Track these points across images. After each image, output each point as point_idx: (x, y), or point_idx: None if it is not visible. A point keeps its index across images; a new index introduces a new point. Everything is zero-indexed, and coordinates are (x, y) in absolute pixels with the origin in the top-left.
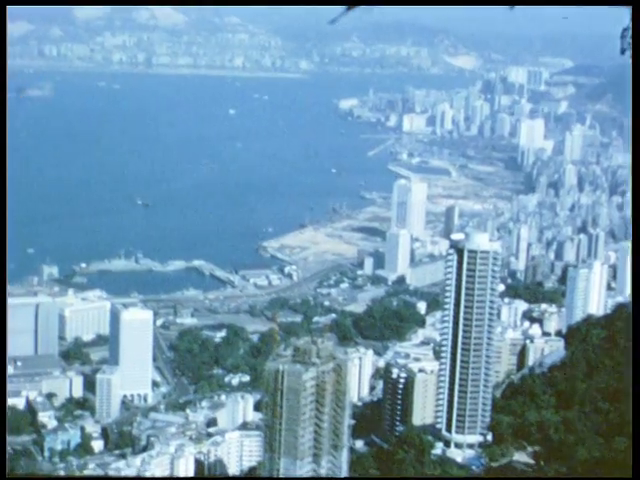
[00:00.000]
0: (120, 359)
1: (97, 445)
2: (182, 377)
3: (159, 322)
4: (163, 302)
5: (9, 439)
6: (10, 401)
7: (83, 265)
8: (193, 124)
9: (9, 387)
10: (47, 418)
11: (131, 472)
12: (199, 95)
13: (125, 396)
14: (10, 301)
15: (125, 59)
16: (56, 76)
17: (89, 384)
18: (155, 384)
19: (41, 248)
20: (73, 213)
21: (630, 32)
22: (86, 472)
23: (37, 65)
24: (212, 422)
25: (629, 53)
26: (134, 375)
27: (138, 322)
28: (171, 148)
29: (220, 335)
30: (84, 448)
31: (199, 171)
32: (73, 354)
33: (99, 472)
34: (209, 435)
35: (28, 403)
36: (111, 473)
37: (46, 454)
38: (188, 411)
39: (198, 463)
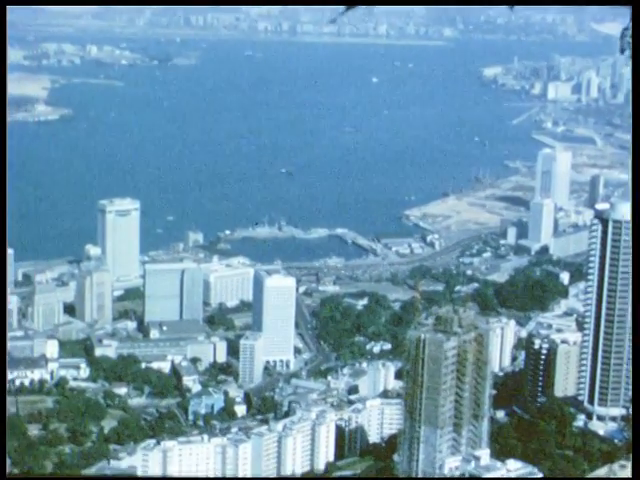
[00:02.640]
0: (263, 325)
1: (240, 410)
2: (324, 344)
3: (302, 289)
4: (306, 269)
5: (154, 402)
6: (156, 365)
7: (227, 232)
8: (336, 92)
9: (155, 351)
10: (192, 382)
11: (273, 437)
12: (342, 63)
13: (268, 362)
14: (157, 267)
15: (270, 28)
16: (202, 44)
17: (233, 349)
18: (297, 351)
19: (187, 215)
20: (218, 181)
21: (630, 32)
22: (229, 436)
23: (184, 34)
24: (353, 389)
25: (629, 53)
26: (277, 341)
27: (281, 289)
28: (314, 116)
29: (362, 303)
30: (227, 412)
31: (342, 139)
32: (217, 320)
33: (241, 436)
34: (350, 402)
35: (173, 367)
36: (253, 437)
37: (190, 417)
38: (329, 378)
39: (339, 430)
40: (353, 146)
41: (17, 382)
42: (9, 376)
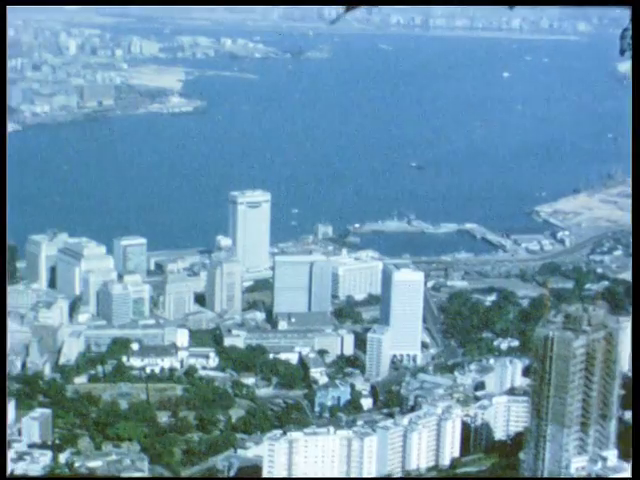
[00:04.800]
0: (391, 319)
1: (366, 403)
2: (451, 339)
3: (430, 284)
4: (434, 264)
5: (282, 392)
6: (284, 356)
7: (357, 225)
8: (467, 86)
9: (283, 342)
10: (319, 374)
11: (399, 431)
12: (474, 57)
13: (394, 356)
14: (286, 258)
15: (402, 21)
16: (335, 38)
17: (360, 342)
18: (424, 345)
19: (317, 207)
20: (349, 174)
21: (630, 32)
22: (354, 429)
23: (317, 27)
24: (480, 385)
25: (629, 54)
26: (404, 335)
27: (409, 283)
28: (445, 110)
29: (490, 299)
30: (353, 405)
31: (473, 133)
32: (345, 312)
33: (367, 430)
34: (476, 398)
35: (301, 358)
36: (379, 431)
37: (316, 409)
38: (456, 373)
39: (465, 426)
40: (484, 140)
41: (148, 370)
42: (140, 363)
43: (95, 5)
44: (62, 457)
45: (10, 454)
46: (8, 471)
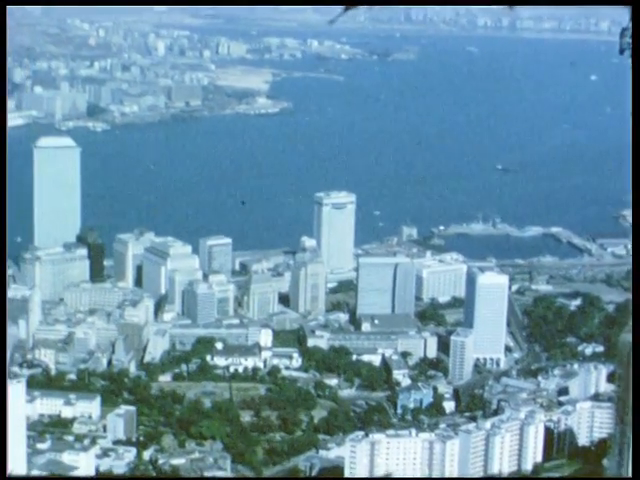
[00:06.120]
0: (475, 322)
1: (448, 406)
2: (535, 344)
3: (514, 287)
4: (519, 267)
5: (364, 394)
6: (367, 357)
7: (441, 227)
8: (555, 89)
9: (366, 344)
10: (401, 376)
11: (481, 435)
12: (562, 59)
13: (478, 359)
14: (370, 260)
15: (490, 23)
16: (421, 40)
17: (443, 345)
18: (508, 349)
19: (402, 209)
20: (433, 176)
21: (630, 32)
22: (437, 431)
23: (404, 29)
24: (563, 391)
25: (629, 53)
26: (488, 339)
27: (494, 286)
28: (532, 113)
29: (575, 303)
30: (436, 408)
31: (559, 136)
32: (429, 315)
33: (449, 433)
34: (560, 403)
35: (384, 360)
36: (461, 434)
37: (399, 411)
38: (540, 378)
39: (548, 431)
40: (571, 144)
41: (231, 369)
42: (224, 362)
43: (95, 5)
44: (146, 454)
45: (95, 450)
46: (92, 468)
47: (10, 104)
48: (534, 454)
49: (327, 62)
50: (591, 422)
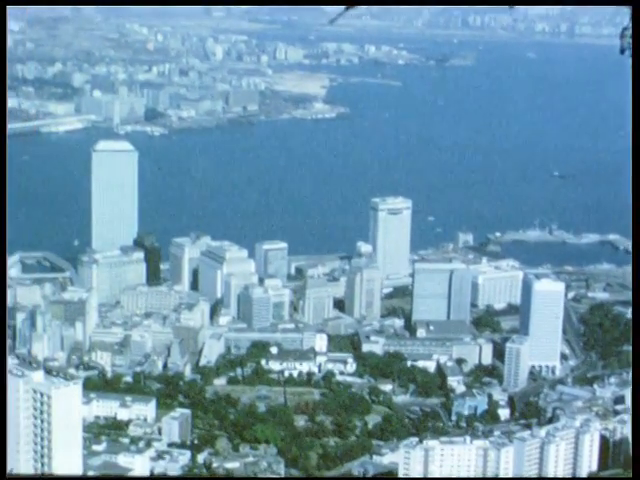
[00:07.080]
0: (530, 329)
1: (503, 413)
2: (591, 351)
3: (570, 295)
4: (575, 275)
5: (418, 400)
6: (421, 363)
7: (498, 234)
8: (612, 95)
9: (421, 350)
10: (456, 383)
11: (536, 443)
12: (620, 66)
13: (533, 367)
14: (426, 266)
15: (548, 29)
16: (479, 46)
17: (498, 352)
18: (563, 357)
19: (458, 215)
20: (490, 182)
21: (630, 32)
22: (491, 439)
23: (461, 35)
24: (619, 399)
25: (629, 53)
26: (543, 346)
27: (550, 293)
28: (591, 119)
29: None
30: (490, 415)
31: (619, 143)
32: (484, 321)
33: (504, 440)
34: (615, 412)
35: (438, 366)
36: (516, 442)
37: (453, 418)
38: (595, 386)
39: (603, 440)
40: (626, 151)
41: (286, 373)
42: (279, 367)
43: (95, 5)
44: (200, 457)
45: (150, 453)
46: (147, 470)
47: (69, 108)
48: (589, 463)
49: (384, 67)
50: None
